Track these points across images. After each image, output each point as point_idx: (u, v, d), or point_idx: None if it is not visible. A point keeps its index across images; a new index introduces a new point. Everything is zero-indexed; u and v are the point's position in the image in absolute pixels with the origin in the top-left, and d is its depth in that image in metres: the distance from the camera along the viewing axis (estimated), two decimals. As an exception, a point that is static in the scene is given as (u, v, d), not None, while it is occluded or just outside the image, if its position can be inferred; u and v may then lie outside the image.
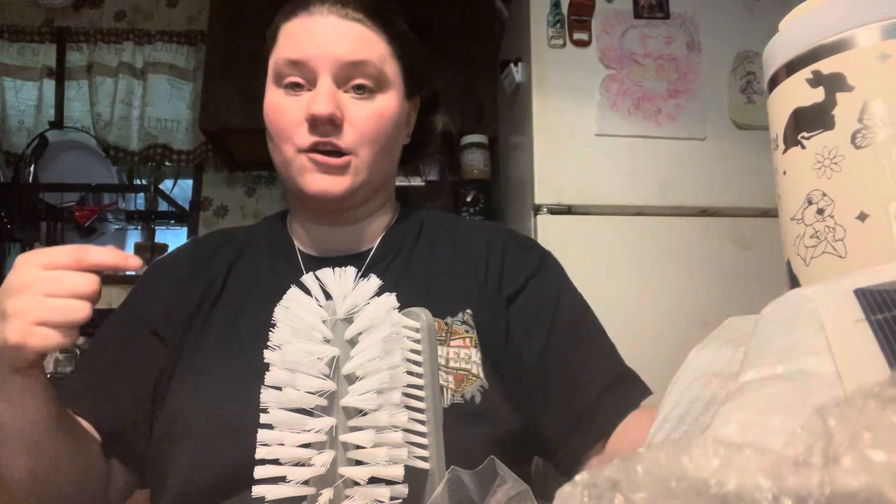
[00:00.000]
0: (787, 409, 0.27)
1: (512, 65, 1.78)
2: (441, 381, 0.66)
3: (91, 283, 0.55)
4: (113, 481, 0.73)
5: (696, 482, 0.20)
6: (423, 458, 0.49)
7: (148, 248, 2.52)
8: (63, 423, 0.64)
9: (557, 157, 1.59)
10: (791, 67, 0.34)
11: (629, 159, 1.59)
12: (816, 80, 0.32)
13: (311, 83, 0.72)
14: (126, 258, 0.57)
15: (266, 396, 0.46)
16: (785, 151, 0.35)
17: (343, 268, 0.53)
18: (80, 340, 2.38)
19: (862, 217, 0.30)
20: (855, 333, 0.29)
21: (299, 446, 0.45)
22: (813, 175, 0.32)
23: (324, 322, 0.48)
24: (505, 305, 0.76)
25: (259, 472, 0.45)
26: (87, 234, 2.51)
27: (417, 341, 0.53)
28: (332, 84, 0.71)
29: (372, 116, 0.72)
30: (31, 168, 2.46)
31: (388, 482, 0.45)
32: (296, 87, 0.72)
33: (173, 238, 2.63)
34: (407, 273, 0.77)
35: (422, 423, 0.50)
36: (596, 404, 0.69)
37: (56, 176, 2.57)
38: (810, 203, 0.32)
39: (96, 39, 2.64)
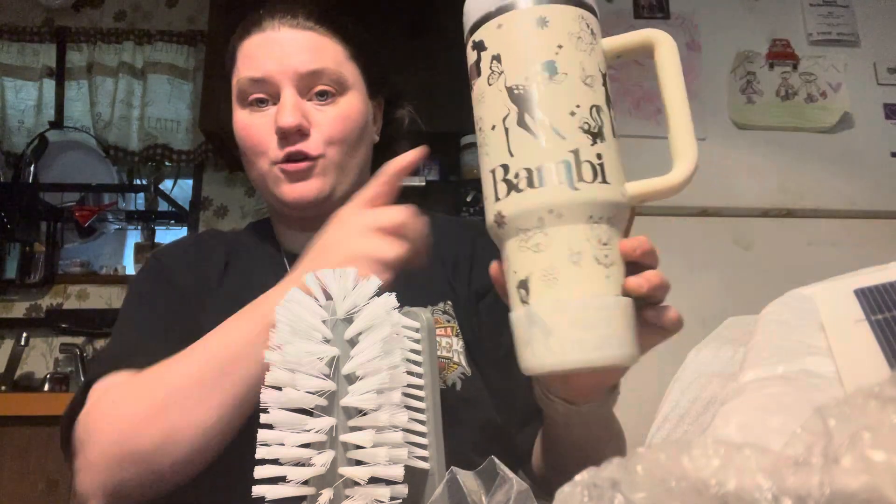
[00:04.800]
0: (787, 409, 0.27)
1: (512, 65, 1.78)
2: None
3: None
4: None
5: (696, 482, 0.20)
6: (423, 458, 0.49)
7: (148, 249, 2.52)
8: None
9: (557, 157, 1.59)
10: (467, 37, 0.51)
11: (629, 159, 1.58)
12: (473, 46, 0.49)
13: (275, 97, 0.73)
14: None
15: (266, 396, 0.46)
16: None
17: (343, 268, 0.54)
18: (81, 341, 2.38)
19: (493, 128, 0.46)
20: (855, 333, 0.29)
21: (299, 446, 0.45)
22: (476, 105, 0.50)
23: (324, 322, 0.48)
24: (475, 301, 0.77)
25: (259, 471, 0.45)
26: (87, 234, 2.51)
27: (417, 341, 0.53)
28: (295, 95, 0.72)
29: (337, 119, 0.74)
30: (31, 168, 2.46)
31: (388, 482, 0.45)
32: (261, 102, 0.74)
33: (173, 238, 2.64)
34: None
35: (422, 423, 0.50)
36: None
37: (56, 176, 2.57)
38: (481, 127, 0.49)
39: (96, 39, 2.64)
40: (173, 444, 0.55)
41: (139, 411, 0.56)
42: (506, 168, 0.45)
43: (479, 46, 0.48)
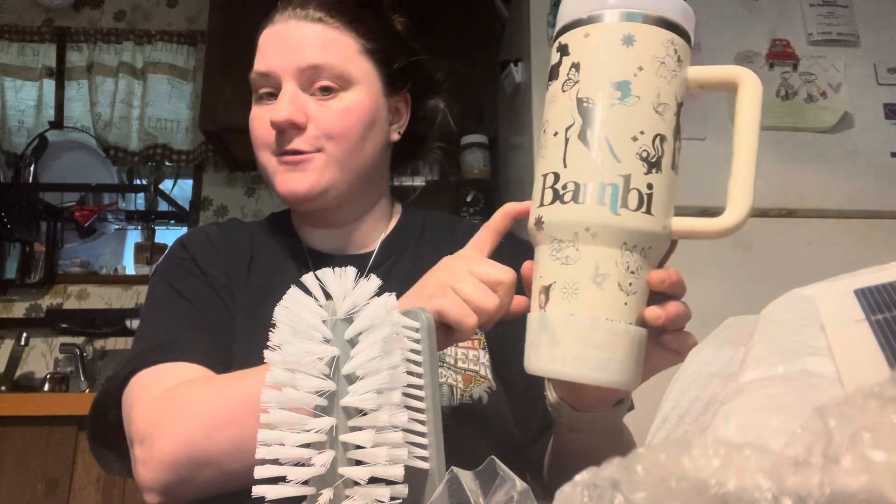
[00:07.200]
0: (787, 409, 0.27)
1: (512, 65, 1.78)
2: (451, 381, 0.67)
3: None
4: None
5: (696, 482, 0.20)
6: (423, 458, 0.49)
7: (148, 248, 2.52)
8: None
9: (557, 157, 1.59)
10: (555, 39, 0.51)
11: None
12: (558, 48, 0.49)
13: (280, 91, 0.73)
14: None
15: (266, 396, 0.46)
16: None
17: (343, 267, 0.54)
18: (79, 341, 2.37)
19: (555, 134, 0.47)
20: (855, 333, 0.29)
21: (299, 446, 0.45)
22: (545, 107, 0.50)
23: (324, 322, 0.48)
24: None
25: (259, 471, 0.45)
26: (87, 234, 2.51)
27: (417, 341, 0.53)
28: (295, 89, 0.71)
29: (336, 114, 0.72)
30: (31, 168, 2.46)
31: (388, 482, 0.45)
32: (270, 96, 0.74)
33: (173, 238, 2.63)
34: (411, 275, 0.77)
35: (422, 423, 0.50)
36: None
37: (56, 176, 2.57)
38: (545, 129, 0.49)
39: (96, 39, 2.64)
40: (244, 451, 0.55)
41: (212, 418, 0.57)
42: (556, 176, 0.46)
43: (563, 50, 0.48)
